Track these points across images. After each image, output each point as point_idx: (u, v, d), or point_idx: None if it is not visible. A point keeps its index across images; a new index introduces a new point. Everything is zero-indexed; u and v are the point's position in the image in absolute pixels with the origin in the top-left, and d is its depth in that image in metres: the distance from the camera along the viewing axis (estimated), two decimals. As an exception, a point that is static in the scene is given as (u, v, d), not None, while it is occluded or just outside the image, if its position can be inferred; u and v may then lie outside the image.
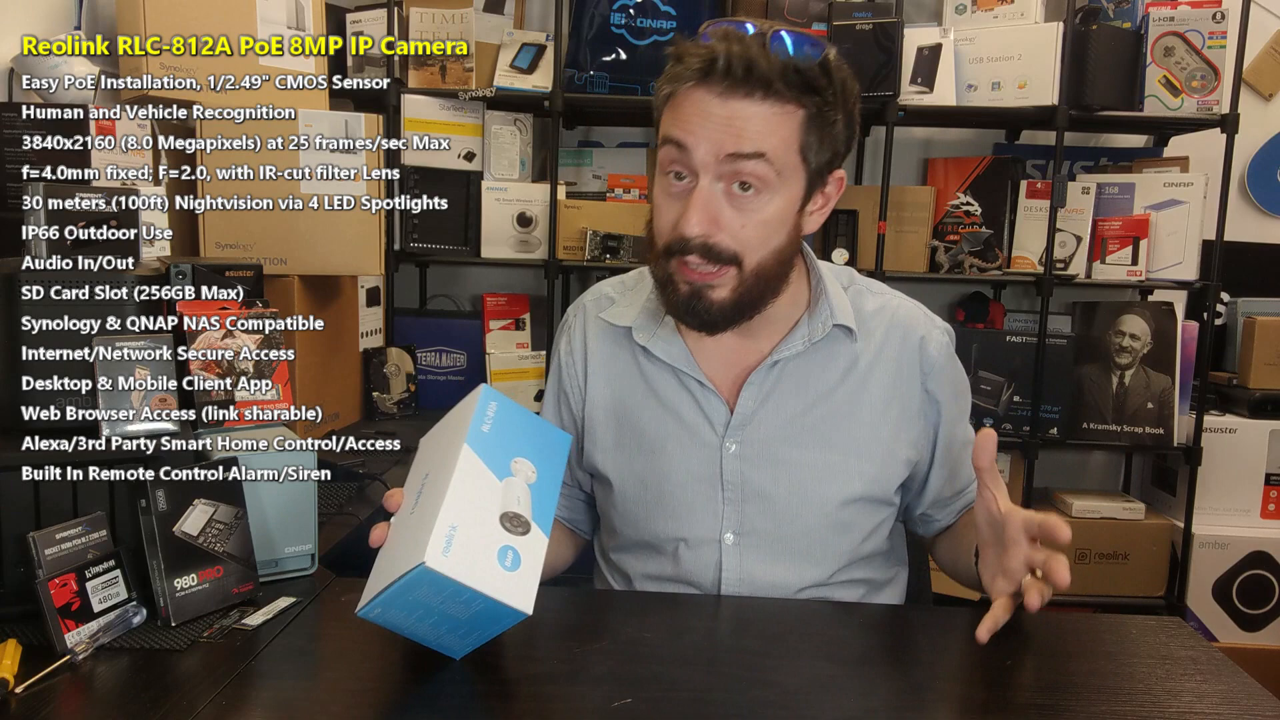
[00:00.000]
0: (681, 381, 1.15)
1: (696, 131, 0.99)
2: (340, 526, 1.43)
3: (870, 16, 2.45)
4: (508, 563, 0.83)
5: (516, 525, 0.86)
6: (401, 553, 0.83)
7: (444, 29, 2.51)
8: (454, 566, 0.79)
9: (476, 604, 0.82)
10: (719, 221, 1.01)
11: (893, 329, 1.15)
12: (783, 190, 1.02)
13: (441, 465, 0.89)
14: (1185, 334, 2.54)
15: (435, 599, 0.82)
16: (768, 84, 0.97)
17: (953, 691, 0.90)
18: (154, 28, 1.81)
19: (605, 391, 1.19)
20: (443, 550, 0.80)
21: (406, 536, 0.85)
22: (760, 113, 0.98)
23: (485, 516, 0.85)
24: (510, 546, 0.84)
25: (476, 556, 0.82)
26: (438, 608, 0.83)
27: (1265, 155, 2.80)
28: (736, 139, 0.98)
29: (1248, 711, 0.85)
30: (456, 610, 0.83)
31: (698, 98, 0.99)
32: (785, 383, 1.13)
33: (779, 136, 0.99)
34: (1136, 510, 2.58)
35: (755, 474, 1.12)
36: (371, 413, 2.33)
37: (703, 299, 1.04)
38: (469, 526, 0.83)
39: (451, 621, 0.84)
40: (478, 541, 0.83)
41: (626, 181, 2.70)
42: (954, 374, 1.18)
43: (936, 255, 2.62)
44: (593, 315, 1.22)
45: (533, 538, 0.87)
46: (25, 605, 0.93)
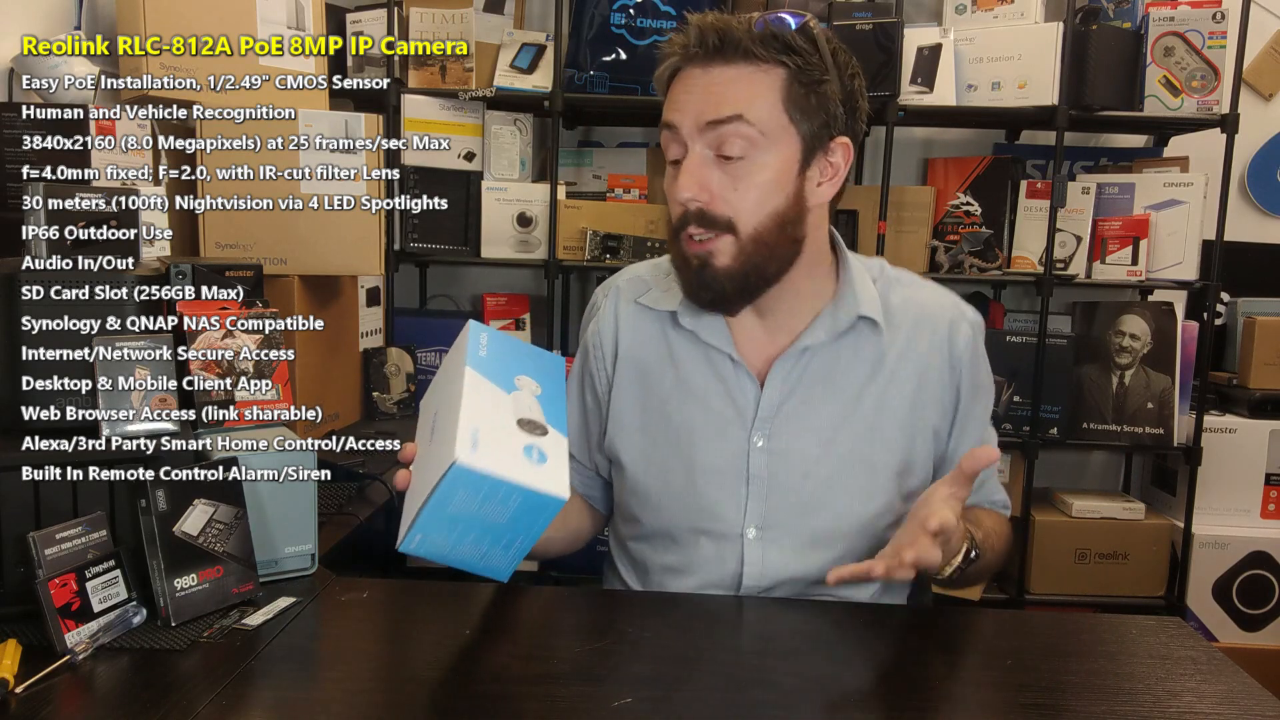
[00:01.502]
0: (715, 371, 1.14)
1: (682, 107, 1.04)
2: (340, 526, 1.43)
3: (870, 16, 2.45)
4: (534, 458, 0.85)
5: (534, 429, 0.89)
6: (430, 473, 0.84)
7: (444, 29, 2.51)
8: (484, 460, 0.81)
9: (514, 499, 0.82)
10: (709, 188, 1.03)
11: (921, 321, 1.15)
12: (773, 151, 1.03)
13: (447, 398, 0.90)
14: (1185, 334, 2.54)
15: (473, 504, 0.82)
16: (742, 48, 1.02)
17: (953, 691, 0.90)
18: (154, 28, 1.81)
19: (633, 377, 1.18)
20: (471, 447, 0.81)
21: (430, 461, 0.87)
22: (738, 75, 1.02)
23: (503, 422, 0.87)
24: (533, 445, 0.87)
25: (503, 452, 0.83)
26: (476, 515, 0.83)
27: (1265, 155, 2.80)
28: (715, 105, 1.02)
29: (1248, 711, 0.85)
30: (495, 514, 0.83)
31: (684, 76, 1.05)
32: (812, 374, 1.13)
33: (760, 98, 1.02)
34: (1136, 510, 2.58)
35: (781, 469, 1.12)
36: (371, 413, 2.33)
37: (707, 269, 1.06)
38: (491, 430, 0.85)
39: (493, 532, 0.85)
40: (502, 441, 0.85)
41: (626, 181, 2.70)
42: (975, 372, 1.16)
43: (936, 255, 2.62)
44: (627, 299, 1.21)
45: (552, 438, 0.89)
46: (25, 605, 0.93)
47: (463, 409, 0.84)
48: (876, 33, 2.42)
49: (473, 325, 0.96)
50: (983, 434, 1.19)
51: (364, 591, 1.09)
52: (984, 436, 1.19)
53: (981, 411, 1.19)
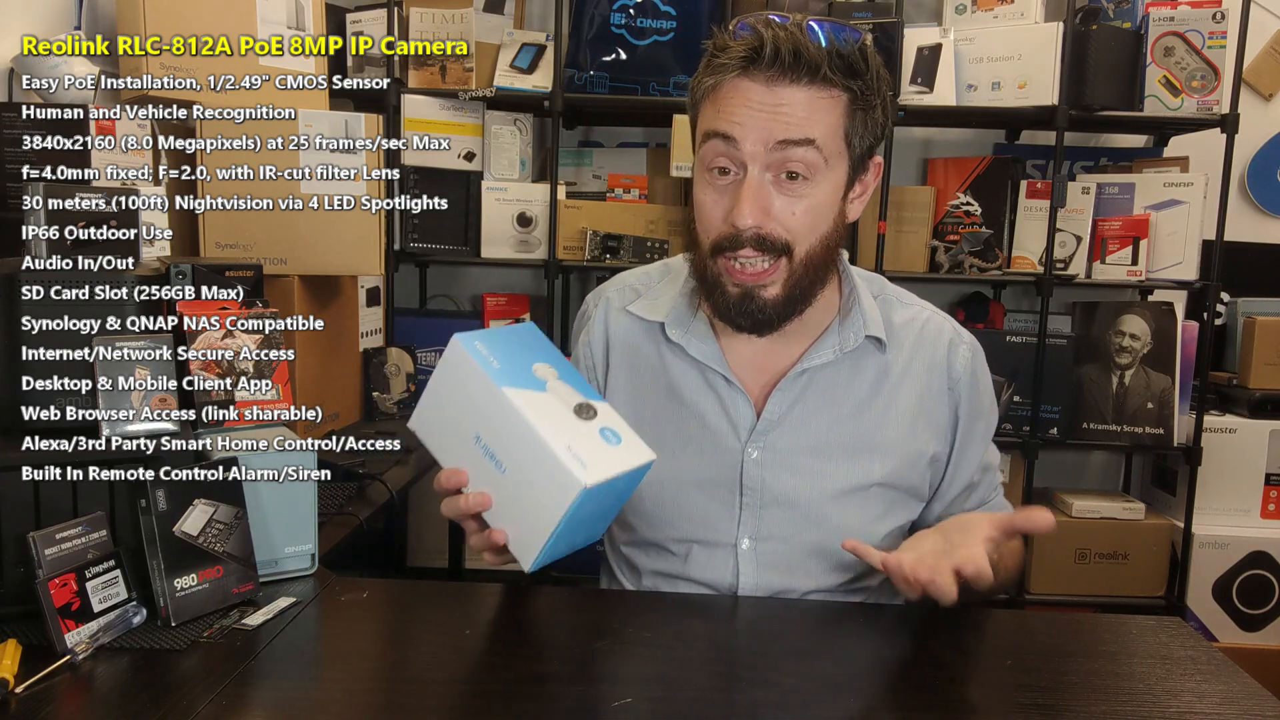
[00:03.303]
0: (708, 381, 1.13)
1: (744, 121, 0.98)
2: (340, 526, 1.43)
3: (870, 16, 2.45)
4: (611, 439, 0.92)
5: (588, 412, 0.94)
6: (538, 499, 0.90)
7: (444, 29, 2.51)
8: (595, 472, 0.88)
9: (620, 483, 0.91)
10: (770, 211, 1.00)
11: (921, 340, 1.14)
12: (830, 176, 1.02)
13: (489, 420, 0.93)
14: (1185, 334, 2.54)
15: (591, 506, 0.90)
16: (815, 69, 0.97)
17: (953, 691, 0.90)
18: (154, 28, 1.81)
19: (625, 386, 1.17)
20: (581, 467, 0.87)
21: (527, 487, 0.91)
22: (806, 98, 0.98)
23: (570, 423, 0.92)
24: (603, 427, 0.93)
25: (597, 453, 0.90)
26: (592, 512, 0.91)
27: (1265, 155, 2.80)
28: (785, 126, 0.98)
29: (1248, 711, 0.85)
30: (607, 501, 0.93)
31: (743, 87, 0.99)
32: (813, 391, 1.12)
33: (825, 123, 0.99)
34: (1136, 510, 2.58)
35: (776, 481, 1.11)
36: (371, 413, 2.33)
37: (755, 299, 1.03)
38: (574, 438, 0.90)
39: (597, 513, 0.94)
40: (588, 442, 0.90)
41: (626, 181, 2.70)
42: (975, 393, 1.16)
43: (936, 255, 2.62)
44: (617, 307, 1.19)
45: (604, 410, 0.95)
46: (25, 605, 0.93)
47: (539, 431, 0.89)
48: (876, 33, 2.42)
49: (462, 340, 0.97)
50: (985, 454, 1.18)
51: (364, 591, 1.09)
52: (986, 457, 1.18)
53: (983, 431, 1.18)
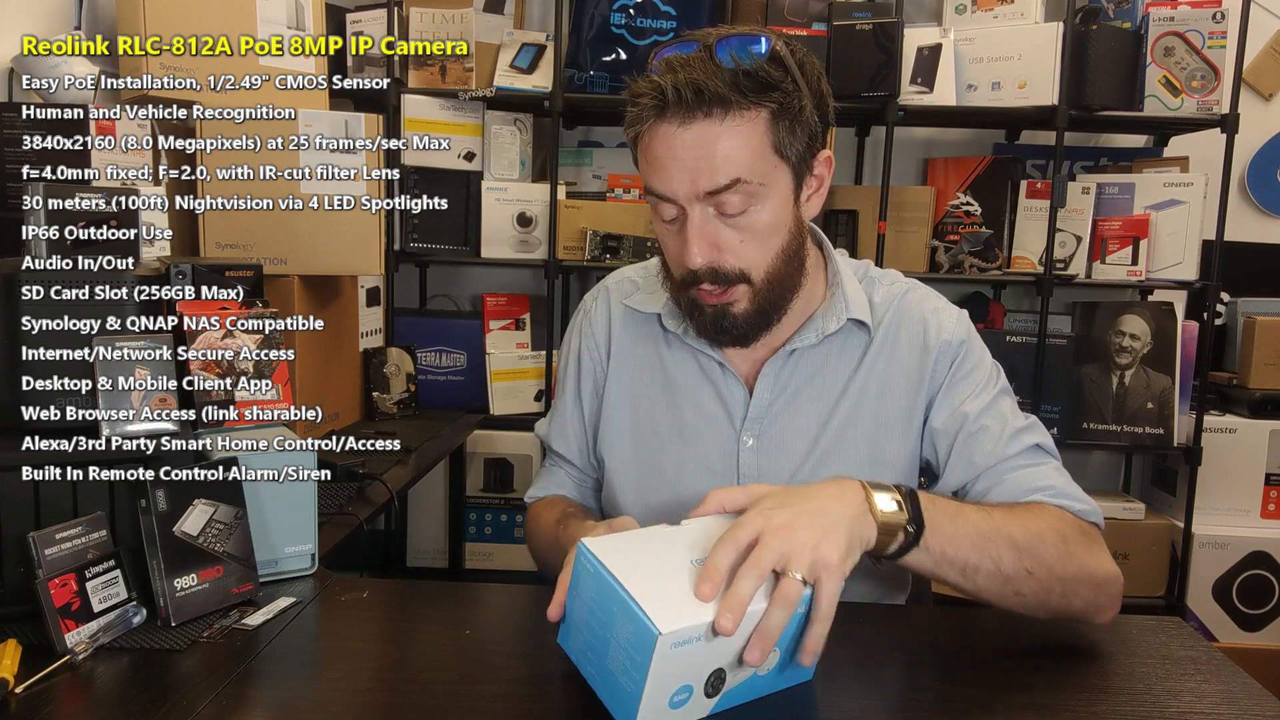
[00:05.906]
0: (703, 371, 1.15)
1: (670, 174, 0.99)
2: (340, 526, 1.43)
3: (870, 16, 2.45)
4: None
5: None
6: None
7: (444, 29, 2.51)
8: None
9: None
10: (719, 245, 1.02)
11: (901, 315, 1.15)
12: (772, 194, 1.01)
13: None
14: (1185, 334, 2.54)
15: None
16: (721, 99, 0.96)
17: (953, 691, 0.90)
18: (154, 28, 1.81)
19: (624, 378, 1.20)
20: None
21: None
22: (724, 129, 0.97)
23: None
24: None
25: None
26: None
27: (1265, 155, 2.80)
28: (710, 174, 0.97)
29: (1248, 711, 0.85)
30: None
31: (662, 133, 0.98)
32: (801, 374, 1.13)
33: (749, 148, 0.98)
34: (1136, 510, 2.58)
35: (772, 469, 1.12)
36: (371, 413, 2.33)
37: (727, 317, 1.06)
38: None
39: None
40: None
41: (626, 181, 2.70)
42: (964, 353, 1.13)
43: (936, 255, 2.62)
44: (617, 300, 1.22)
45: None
46: (25, 605, 0.93)
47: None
48: (876, 33, 2.42)
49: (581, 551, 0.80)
50: (984, 404, 1.12)
51: (364, 591, 1.09)
52: (992, 409, 1.12)
53: (970, 383, 1.12)
